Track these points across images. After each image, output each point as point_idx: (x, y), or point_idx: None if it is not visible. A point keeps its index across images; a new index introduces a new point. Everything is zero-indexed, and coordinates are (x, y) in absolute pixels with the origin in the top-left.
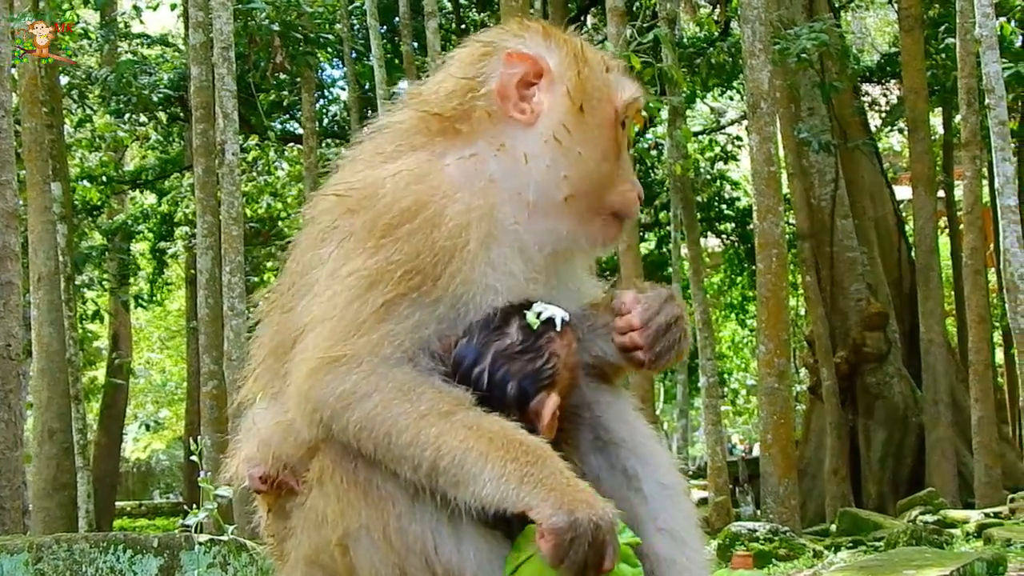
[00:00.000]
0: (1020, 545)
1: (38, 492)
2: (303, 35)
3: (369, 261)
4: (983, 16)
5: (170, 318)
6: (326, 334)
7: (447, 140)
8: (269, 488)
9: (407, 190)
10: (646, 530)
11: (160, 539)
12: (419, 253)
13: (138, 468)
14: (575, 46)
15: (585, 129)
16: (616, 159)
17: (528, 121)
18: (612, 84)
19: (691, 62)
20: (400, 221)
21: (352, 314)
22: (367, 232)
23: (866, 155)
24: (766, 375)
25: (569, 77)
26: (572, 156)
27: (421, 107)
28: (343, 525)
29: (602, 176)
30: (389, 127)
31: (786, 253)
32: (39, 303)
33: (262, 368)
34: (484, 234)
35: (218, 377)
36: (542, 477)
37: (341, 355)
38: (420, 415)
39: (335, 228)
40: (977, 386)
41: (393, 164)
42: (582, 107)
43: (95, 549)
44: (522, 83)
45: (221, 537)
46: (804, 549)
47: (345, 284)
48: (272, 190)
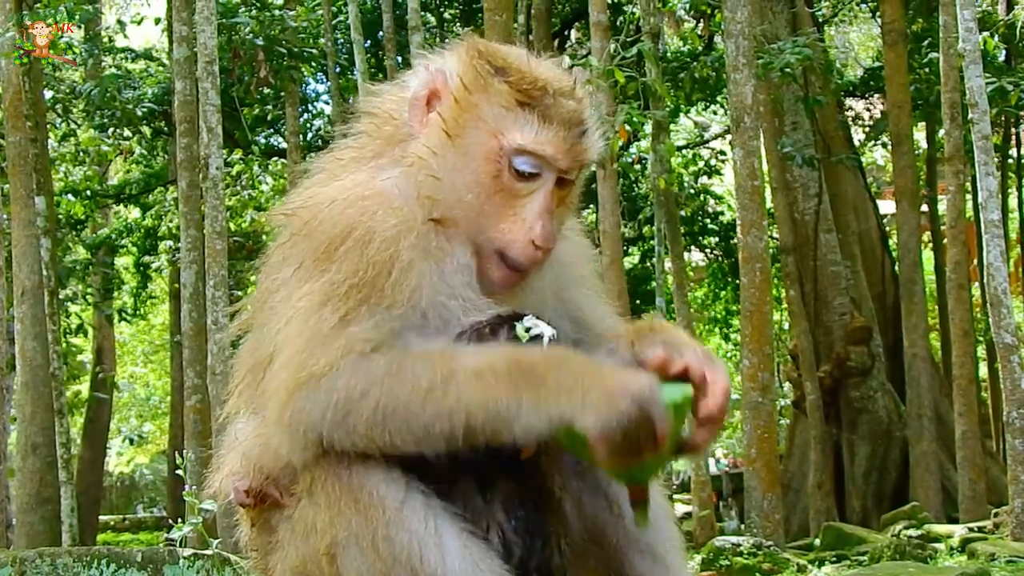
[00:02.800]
0: (1004, 560)
1: (21, 506)
2: (287, 49)
3: (315, 285)
4: (966, 31)
5: (154, 332)
6: (293, 356)
7: (385, 157)
8: (254, 502)
9: (341, 215)
10: (628, 551)
11: (144, 553)
12: (357, 270)
13: (122, 482)
14: (477, 71)
15: (452, 157)
16: (495, 198)
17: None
18: (505, 121)
19: (675, 76)
20: (336, 244)
21: (311, 331)
22: (312, 259)
23: (850, 169)
24: (750, 389)
25: (446, 102)
26: (438, 180)
27: (370, 122)
28: (331, 534)
29: (472, 209)
30: (343, 143)
31: (770, 267)
32: (23, 317)
33: (243, 384)
34: (411, 245)
35: (202, 391)
36: (573, 385)
37: (316, 370)
38: (427, 390)
39: (290, 252)
40: (961, 400)
41: (337, 183)
42: (449, 133)
43: (79, 563)
44: (428, 99)
45: (205, 551)
46: (788, 563)
47: (298, 308)
48: (256, 204)
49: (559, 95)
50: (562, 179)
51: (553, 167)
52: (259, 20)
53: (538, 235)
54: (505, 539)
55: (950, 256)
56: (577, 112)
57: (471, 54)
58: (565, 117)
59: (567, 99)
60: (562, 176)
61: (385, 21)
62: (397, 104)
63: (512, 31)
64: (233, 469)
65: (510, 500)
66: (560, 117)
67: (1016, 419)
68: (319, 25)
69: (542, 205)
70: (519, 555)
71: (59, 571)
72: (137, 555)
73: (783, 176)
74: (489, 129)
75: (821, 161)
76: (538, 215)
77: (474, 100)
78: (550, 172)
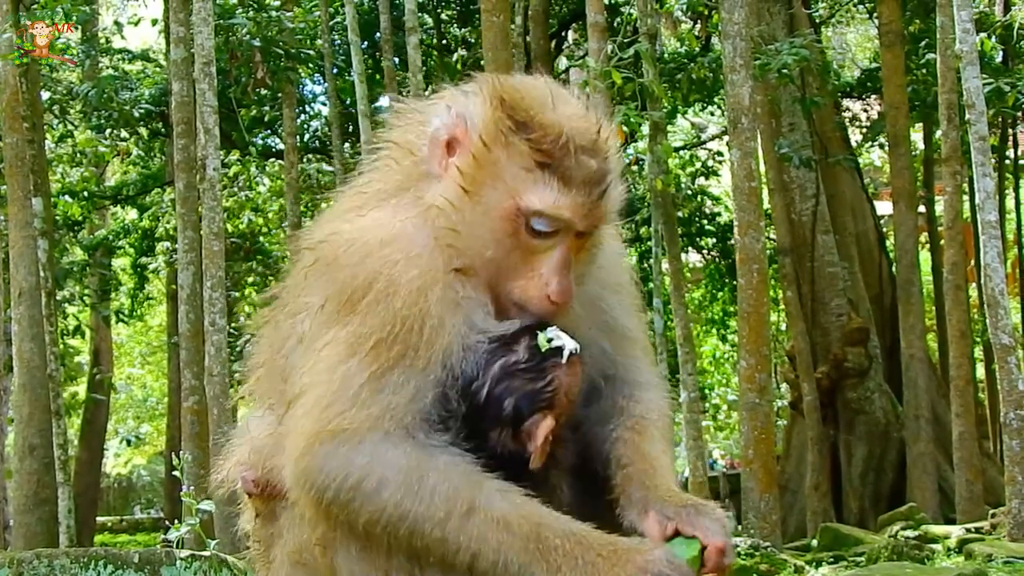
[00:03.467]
0: (1001, 560)
1: (19, 507)
2: (284, 51)
3: (340, 333)
4: (963, 32)
5: (151, 333)
6: (317, 405)
7: (406, 193)
8: (260, 492)
9: (362, 263)
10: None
11: (141, 554)
12: (384, 324)
13: (119, 483)
14: (498, 126)
15: (469, 212)
16: (513, 254)
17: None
18: (524, 182)
19: (672, 77)
20: (360, 295)
21: (338, 383)
22: (335, 304)
23: (847, 170)
24: (747, 390)
25: (465, 155)
26: (457, 228)
27: (391, 153)
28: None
29: (490, 262)
30: (366, 173)
31: (767, 268)
32: (20, 318)
33: (261, 378)
34: (439, 299)
35: (199, 392)
36: (590, 561)
37: (337, 427)
38: (443, 519)
39: (314, 283)
40: (958, 401)
41: (360, 220)
42: (467, 189)
43: (76, 564)
44: (448, 144)
45: (202, 552)
46: (785, 564)
47: (322, 355)
48: (253, 205)
49: (581, 152)
50: (582, 232)
51: (572, 228)
52: (256, 21)
53: (554, 291)
54: None
55: (947, 257)
56: (599, 171)
57: (494, 104)
58: (586, 178)
59: (590, 156)
60: (581, 232)
61: (382, 22)
62: (418, 137)
63: (509, 32)
64: (242, 459)
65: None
66: (581, 179)
67: (1013, 420)
68: (316, 26)
69: (559, 261)
70: None
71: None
72: (134, 556)
73: (780, 177)
74: (507, 189)
75: (818, 162)
76: (555, 271)
77: (493, 157)
78: (568, 232)
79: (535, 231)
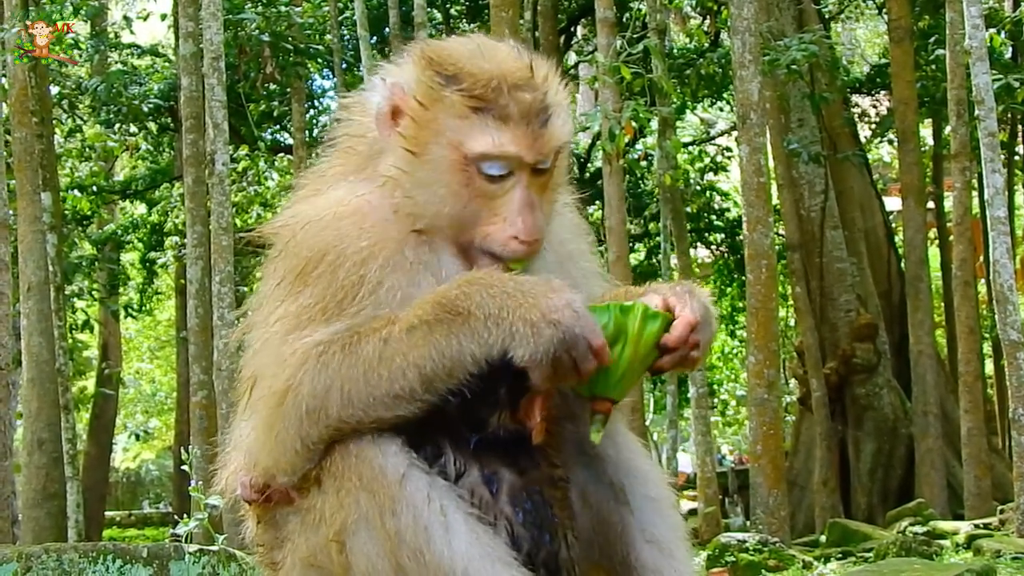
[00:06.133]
0: (1010, 556)
1: (27, 502)
2: (293, 46)
3: (291, 307)
4: (973, 27)
5: (160, 328)
6: (268, 385)
7: (363, 172)
8: (259, 497)
9: (316, 237)
10: (634, 541)
11: (150, 549)
12: (326, 294)
13: (128, 478)
14: (428, 84)
15: (420, 173)
16: (472, 204)
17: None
18: (463, 130)
19: (681, 73)
20: (311, 268)
21: (281, 358)
22: (289, 280)
23: (856, 166)
24: (756, 386)
25: (406, 119)
26: (412, 193)
27: (346, 138)
28: (340, 519)
29: (452, 218)
30: (326, 158)
31: (776, 264)
32: (29, 313)
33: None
34: (380, 266)
35: (208, 387)
36: (500, 316)
37: (280, 387)
38: (376, 358)
39: (274, 268)
40: (967, 397)
41: (318, 200)
42: (412, 151)
43: (84, 559)
44: (392, 114)
45: (211, 547)
46: (794, 560)
47: (272, 332)
48: (262, 200)
49: (515, 89)
50: (537, 168)
51: (522, 163)
52: (265, 16)
53: (520, 230)
54: (513, 533)
55: (956, 253)
56: (536, 101)
57: (422, 65)
58: (524, 111)
59: (524, 91)
60: (536, 167)
61: (391, 17)
62: (365, 118)
63: (518, 27)
64: (239, 466)
65: (517, 492)
66: (519, 113)
67: (1022, 416)
68: (325, 21)
69: (520, 200)
70: (527, 548)
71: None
72: (143, 551)
73: (789, 173)
74: (449, 142)
75: (827, 158)
76: (518, 211)
77: (430, 115)
78: (520, 168)
79: (487, 176)
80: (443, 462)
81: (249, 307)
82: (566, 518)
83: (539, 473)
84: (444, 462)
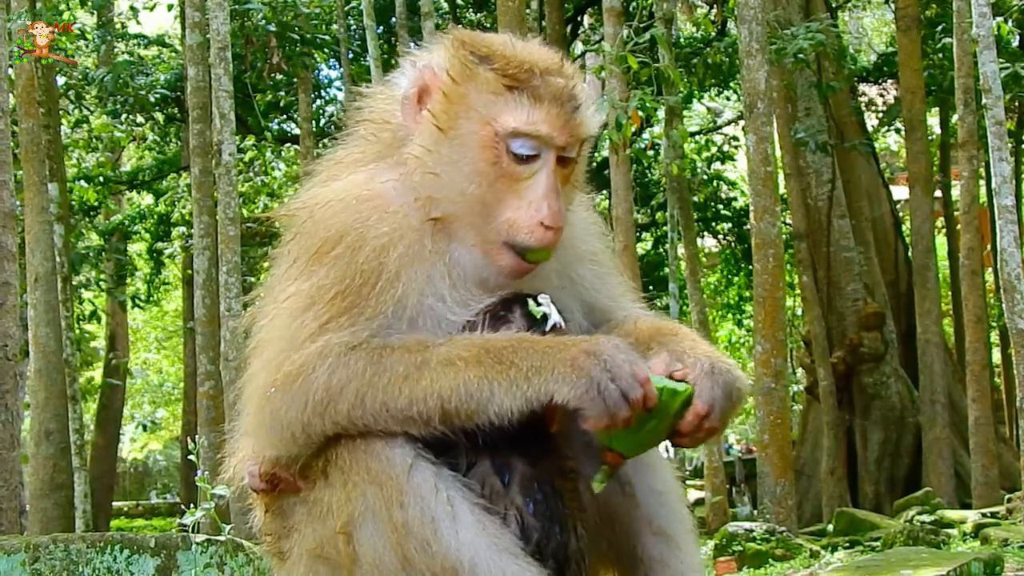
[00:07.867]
0: (1017, 545)
1: (35, 492)
2: (300, 36)
3: (304, 286)
4: (980, 16)
5: (167, 319)
6: (271, 359)
7: (385, 160)
8: (267, 486)
9: (335, 217)
10: (641, 533)
11: (157, 539)
12: (344, 277)
13: (135, 468)
14: (462, 62)
15: (447, 150)
16: (497, 185)
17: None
18: (496, 106)
19: (688, 62)
20: (328, 248)
21: (291, 335)
22: (304, 259)
23: (863, 155)
24: (763, 375)
25: (436, 96)
26: (436, 176)
27: (367, 127)
28: (347, 511)
29: (473, 201)
30: (344, 147)
31: (783, 253)
32: (36, 303)
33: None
34: (400, 254)
35: (215, 377)
36: (542, 364)
37: (291, 370)
38: (402, 376)
39: (287, 249)
40: (974, 386)
41: (337, 183)
42: (441, 128)
43: (92, 549)
44: (419, 97)
45: (218, 537)
46: (801, 549)
47: (283, 307)
48: (269, 190)
49: (547, 74)
50: (563, 157)
51: (551, 145)
52: (272, 6)
53: (546, 215)
54: (524, 523)
55: (963, 242)
56: (567, 88)
57: (455, 46)
58: (556, 94)
59: (556, 77)
60: (562, 154)
61: (398, 7)
62: (389, 105)
63: (524, 17)
64: (246, 455)
65: (528, 483)
66: (551, 95)
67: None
68: (332, 11)
69: (546, 185)
70: (537, 539)
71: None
72: (150, 541)
73: (796, 162)
74: (481, 117)
75: (834, 147)
76: (543, 196)
77: (463, 91)
78: (549, 151)
79: (516, 156)
80: (454, 452)
81: (258, 294)
82: (576, 509)
83: (550, 464)
84: (455, 452)
